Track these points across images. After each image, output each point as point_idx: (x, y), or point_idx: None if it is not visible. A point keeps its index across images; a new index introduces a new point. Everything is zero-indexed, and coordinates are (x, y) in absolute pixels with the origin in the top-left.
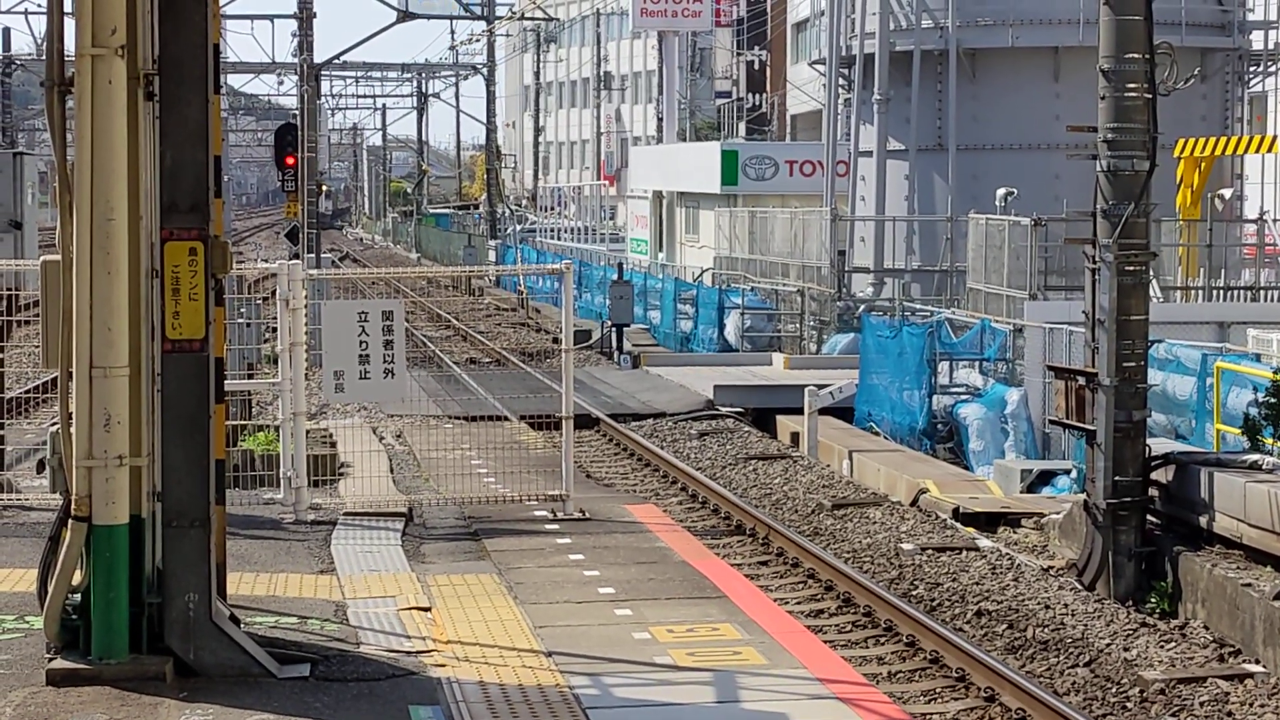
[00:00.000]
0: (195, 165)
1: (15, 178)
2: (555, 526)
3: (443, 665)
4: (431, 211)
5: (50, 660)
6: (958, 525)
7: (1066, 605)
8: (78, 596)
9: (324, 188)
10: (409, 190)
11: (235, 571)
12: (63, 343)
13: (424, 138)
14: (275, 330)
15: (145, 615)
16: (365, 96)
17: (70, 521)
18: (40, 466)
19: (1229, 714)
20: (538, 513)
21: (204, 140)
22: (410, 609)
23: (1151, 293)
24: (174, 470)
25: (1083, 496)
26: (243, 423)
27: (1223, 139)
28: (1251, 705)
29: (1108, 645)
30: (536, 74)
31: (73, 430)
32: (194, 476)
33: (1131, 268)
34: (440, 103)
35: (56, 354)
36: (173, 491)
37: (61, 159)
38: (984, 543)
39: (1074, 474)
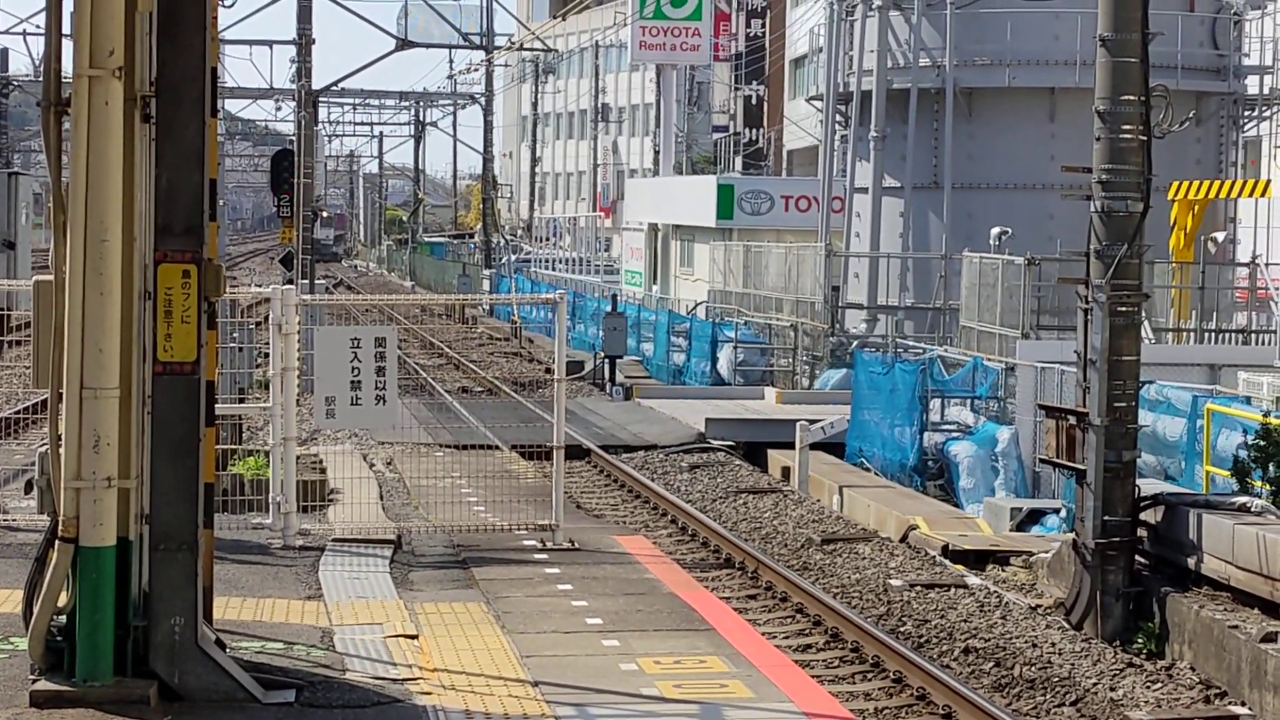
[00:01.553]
0: (190, 188)
1: (10, 198)
2: (544, 556)
3: (429, 693)
4: (427, 240)
5: (34, 682)
6: (947, 562)
7: (1054, 644)
8: (63, 618)
9: (323, 212)
10: (404, 218)
11: (222, 596)
12: (54, 363)
13: (420, 166)
14: (267, 355)
15: (131, 638)
16: (362, 124)
17: (57, 543)
18: (28, 487)
19: None
20: (527, 542)
21: (200, 163)
22: (397, 636)
23: (1143, 334)
24: (163, 493)
25: (1072, 536)
26: (233, 447)
27: (1217, 182)
28: None
29: (1094, 685)
30: (534, 104)
31: (62, 451)
32: (183, 500)
33: (1124, 308)
34: (437, 131)
35: (47, 374)
36: (161, 514)
37: (57, 179)
38: (973, 580)
39: (1063, 513)
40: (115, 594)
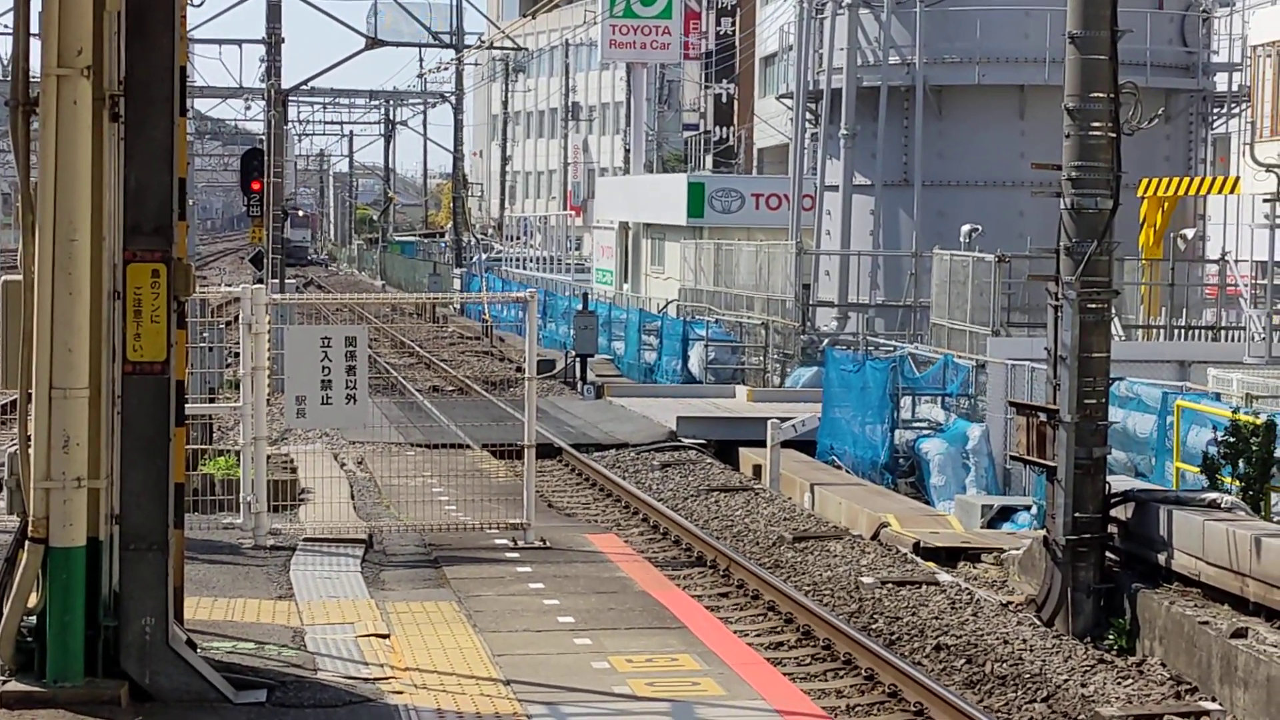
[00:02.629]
0: (160, 187)
1: None
2: (516, 555)
3: (400, 693)
4: (397, 239)
5: (4, 683)
6: (918, 560)
7: (1025, 641)
8: (33, 619)
9: (297, 210)
10: (375, 217)
11: (193, 596)
12: (22, 363)
13: (391, 165)
14: (238, 354)
15: (101, 638)
16: (333, 123)
17: (27, 543)
18: None
19: None
20: (498, 541)
21: (169, 163)
22: (369, 636)
23: (1113, 331)
24: (133, 493)
25: (1043, 532)
26: (203, 447)
27: (1186, 179)
28: None
29: (1065, 681)
30: (505, 103)
31: (31, 451)
32: (153, 500)
33: (1094, 305)
34: (408, 130)
35: (16, 375)
36: (131, 514)
37: (25, 179)
38: (944, 577)
39: (1034, 510)
40: (86, 594)
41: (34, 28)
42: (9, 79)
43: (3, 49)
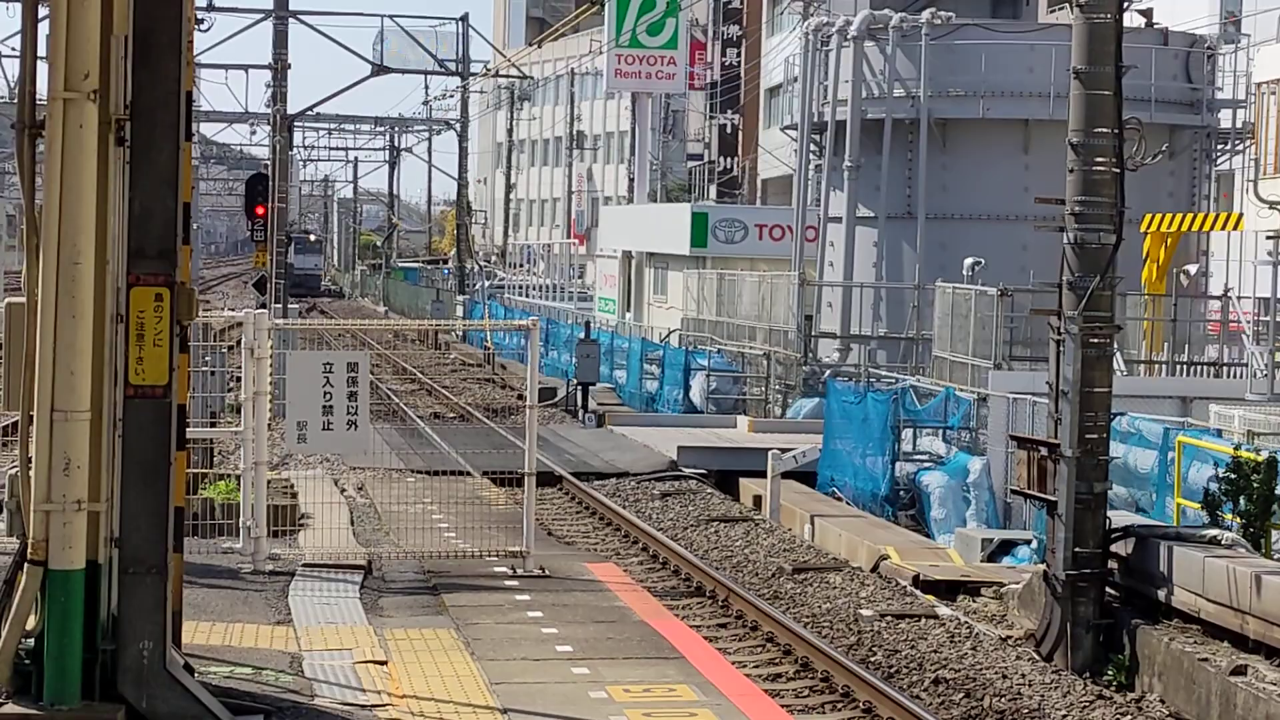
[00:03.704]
0: (164, 212)
1: None
2: (515, 583)
3: None
4: (400, 265)
5: (1, 705)
6: (917, 592)
7: (1024, 675)
8: (31, 641)
9: (307, 234)
10: (378, 243)
11: (191, 620)
12: (24, 385)
13: (395, 191)
14: (239, 379)
15: (99, 662)
16: (337, 149)
17: (26, 565)
18: None
19: None
20: (498, 569)
21: (174, 187)
22: (366, 662)
23: (1115, 366)
24: (133, 516)
25: (1042, 567)
26: (204, 471)
27: (1189, 215)
28: None
29: (1064, 716)
30: (509, 131)
31: (32, 474)
32: (152, 523)
33: (1096, 340)
34: (412, 157)
35: (18, 397)
36: (131, 538)
37: (30, 202)
38: (943, 611)
39: (1034, 544)
40: (84, 617)
41: (41, 51)
42: (15, 102)
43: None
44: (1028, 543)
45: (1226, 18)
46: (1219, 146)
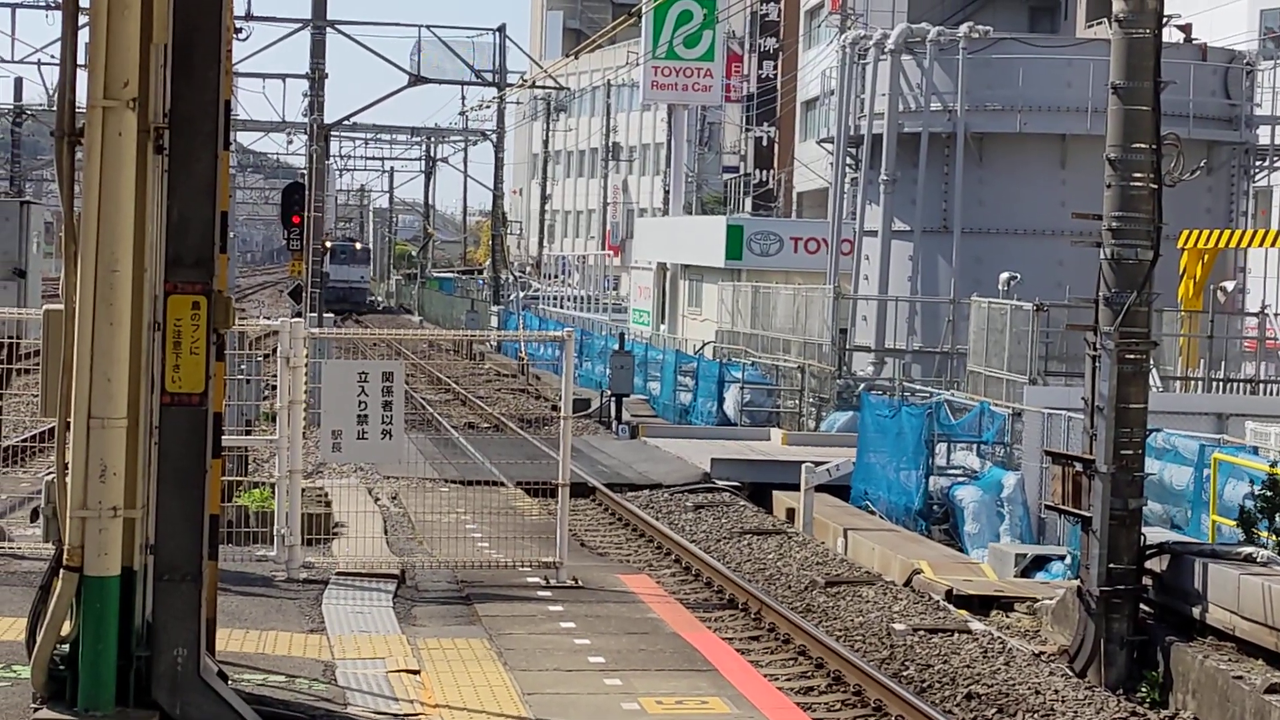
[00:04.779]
0: (202, 220)
1: (21, 226)
2: (548, 594)
3: None
4: (435, 275)
5: (36, 710)
6: (950, 607)
7: (1057, 691)
8: (66, 647)
9: (352, 243)
10: (414, 253)
11: (225, 627)
12: (62, 392)
13: (431, 201)
14: (275, 387)
15: (133, 668)
16: (374, 158)
17: (62, 571)
18: (34, 515)
19: None
20: (530, 579)
21: (212, 195)
22: (399, 671)
23: (1151, 382)
24: (168, 523)
25: (1076, 583)
26: (238, 478)
27: (1227, 231)
28: None
29: None
30: (545, 142)
31: (68, 480)
32: (188, 530)
33: (1132, 356)
34: (448, 167)
35: (55, 403)
36: (166, 545)
37: (68, 209)
38: (976, 626)
39: (1068, 560)
40: (119, 624)
41: (81, 59)
42: (55, 109)
43: (49, 80)
44: (1062, 558)
45: (1266, 33)
46: (1257, 162)
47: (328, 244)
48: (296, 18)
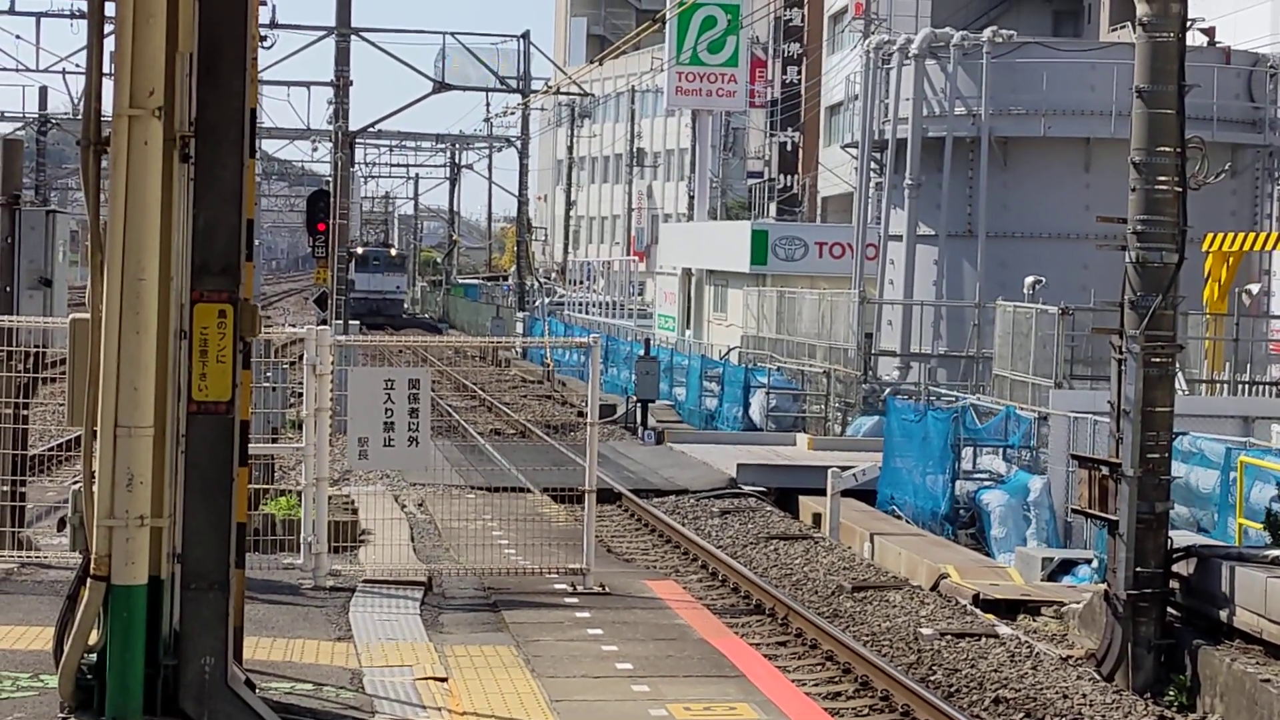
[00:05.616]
0: (228, 228)
1: (47, 235)
2: (575, 600)
3: None
4: (461, 281)
5: (64, 719)
6: (978, 611)
7: (1085, 695)
8: (93, 656)
9: (387, 248)
10: (439, 260)
11: (252, 636)
12: (88, 401)
13: (455, 208)
14: (301, 395)
15: (161, 677)
16: (398, 165)
17: (89, 580)
18: (61, 524)
19: None
20: (557, 586)
21: (238, 204)
22: (427, 679)
23: (1177, 385)
24: (195, 532)
25: (1103, 586)
26: (265, 486)
27: (1251, 234)
28: None
29: None
30: (570, 148)
31: (95, 489)
32: (215, 539)
33: (1158, 359)
34: (473, 174)
35: (82, 412)
36: (193, 553)
37: (95, 218)
38: (1003, 630)
39: (1095, 564)
40: (146, 633)
41: (106, 68)
42: (80, 118)
43: (74, 88)
44: (1088, 562)
45: None
46: None
47: (355, 250)
48: (321, 25)
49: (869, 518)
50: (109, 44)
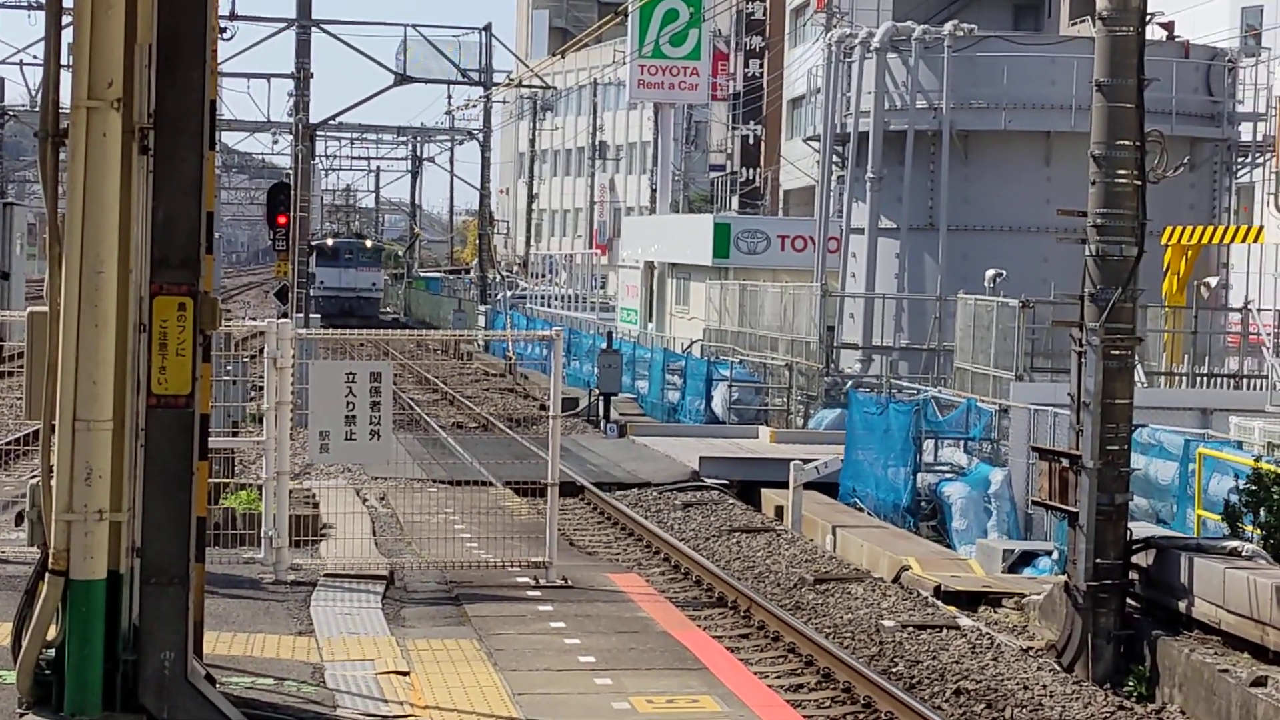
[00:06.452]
0: (187, 221)
1: (4, 228)
2: (537, 593)
3: None
4: (422, 275)
5: (21, 715)
6: (939, 603)
7: (1045, 686)
8: (52, 651)
9: (362, 239)
10: (400, 253)
11: (213, 630)
12: (46, 394)
13: (417, 201)
14: (261, 388)
15: (120, 672)
16: (359, 158)
17: (47, 575)
18: (19, 519)
19: None
20: (520, 579)
21: (197, 196)
22: (389, 673)
23: (1136, 377)
24: (154, 526)
25: (1063, 578)
26: (225, 480)
27: (1210, 228)
28: None
29: None
30: (532, 141)
31: (53, 483)
32: (174, 533)
33: (1117, 352)
34: (434, 167)
35: (40, 405)
36: (152, 548)
37: (53, 210)
38: (965, 621)
39: (1055, 555)
40: (105, 627)
41: (65, 59)
42: (38, 110)
43: (32, 80)
44: (1049, 554)
45: (1247, 31)
46: (1239, 159)
47: (325, 242)
48: (281, 17)
49: (831, 510)
50: (67, 35)
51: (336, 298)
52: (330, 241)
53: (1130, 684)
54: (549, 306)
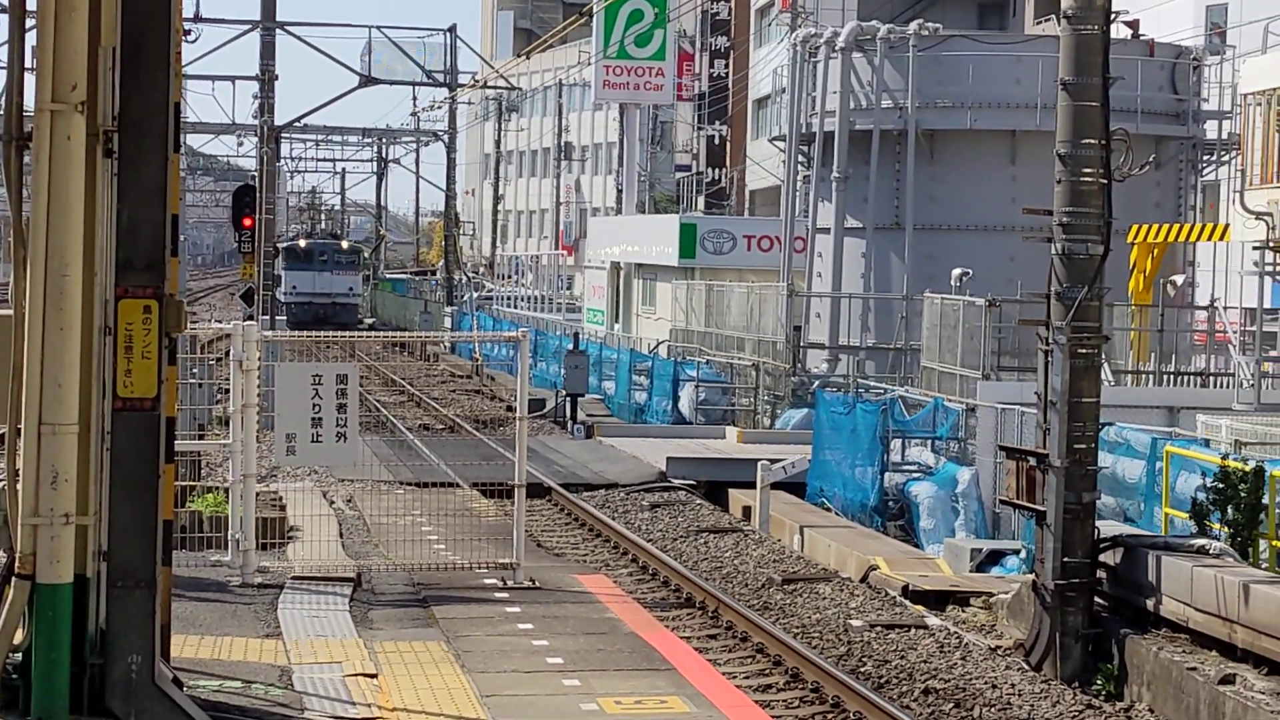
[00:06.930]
0: (152, 223)
1: None
2: (505, 595)
3: None
4: (388, 276)
5: None
6: (907, 603)
7: (1013, 685)
8: (19, 656)
9: (338, 240)
10: (366, 255)
11: (180, 634)
12: (11, 398)
13: (383, 202)
14: (227, 391)
15: (87, 676)
16: (325, 160)
17: (13, 579)
18: None
19: None
20: (487, 581)
21: (162, 199)
22: (356, 675)
23: (1103, 376)
24: (121, 530)
25: (1031, 577)
26: (192, 483)
27: (1176, 226)
28: None
29: None
30: (497, 142)
31: (19, 487)
32: (141, 537)
33: (1084, 350)
34: (400, 168)
35: (4, 409)
36: (119, 551)
37: (17, 214)
38: (933, 621)
39: (1023, 554)
40: (72, 631)
41: (29, 62)
42: (2, 113)
43: None
44: (1016, 553)
45: (1212, 29)
46: (1205, 157)
47: (297, 243)
48: (246, 19)
49: (799, 510)
50: (31, 38)
51: (310, 304)
52: (303, 243)
53: (1099, 682)
54: (515, 307)
